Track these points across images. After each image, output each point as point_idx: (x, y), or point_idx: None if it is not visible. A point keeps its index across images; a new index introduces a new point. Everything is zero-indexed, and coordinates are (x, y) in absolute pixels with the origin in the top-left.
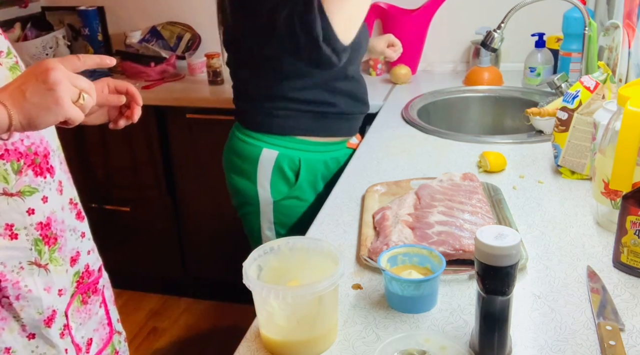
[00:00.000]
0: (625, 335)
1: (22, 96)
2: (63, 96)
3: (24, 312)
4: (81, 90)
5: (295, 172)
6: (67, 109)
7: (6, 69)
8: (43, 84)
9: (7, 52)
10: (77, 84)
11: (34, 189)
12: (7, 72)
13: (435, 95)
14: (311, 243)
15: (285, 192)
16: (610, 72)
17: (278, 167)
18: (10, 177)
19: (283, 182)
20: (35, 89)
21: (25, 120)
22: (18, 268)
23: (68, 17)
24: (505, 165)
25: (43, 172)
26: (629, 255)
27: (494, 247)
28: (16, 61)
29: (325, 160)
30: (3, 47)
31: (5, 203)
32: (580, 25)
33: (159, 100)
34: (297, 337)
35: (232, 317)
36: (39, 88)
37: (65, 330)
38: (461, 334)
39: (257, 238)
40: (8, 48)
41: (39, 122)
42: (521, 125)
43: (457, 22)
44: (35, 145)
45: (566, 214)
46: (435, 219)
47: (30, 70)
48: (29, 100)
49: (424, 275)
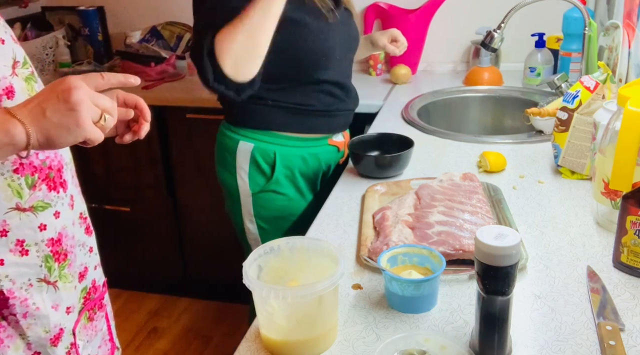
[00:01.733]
0: (625, 335)
1: (42, 114)
2: (84, 117)
3: (30, 330)
4: (103, 110)
5: (271, 165)
6: (87, 130)
7: (22, 80)
8: (64, 103)
9: (23, 62)
10: (99, 103)
11: (46, 204)
12: (22, 83)
13: (435, 95)
14: (311, 243)
15: (262, 185)
16: (610, 72)
17: (254, 159)
18: (24, 192)
19: (260, 174)
20: (56, 108)
21: (44, 139)
22: (27, 285)
23: (68, 17)
24: (505, 165)
25: (56, 187)
26: (629, 255)
27: (494, 247)
28: (31, 71)
29: (303, 156)
30: (19, 56)
31: (18, 218)
32: (580, 25)
33: (159, 100)
34: (297, 337)
35: (232, 317)
36: (59, 107)
37: (72, 349)
38: (461, 334)
39: (241, 231)
40: (24, 58)
41: (58, 142)
42: (521, 125)
43: (457, 22)
44: (50, 158)
45: (566, 214)
46: (435, 219)
47: (51, 87)
48: (48, 119)
49: (424, 275)
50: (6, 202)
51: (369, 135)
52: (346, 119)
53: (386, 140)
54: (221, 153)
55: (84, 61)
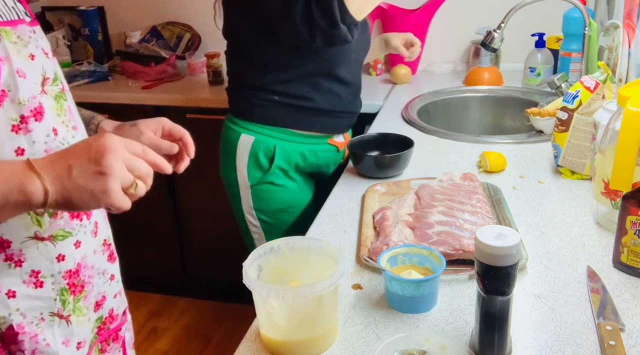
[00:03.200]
0: (625, 335)
1: (68, 173)
2: (112, 183)
3: None
4: (137, 176)
5: (270, 158)
6: (114, 198)
7: (51, 99)
8: (95, 164)
9: (53, 79)
10: (133, 168)
11: (67, 233)
12: (52, 102)
13: (435, 95)
14: (311, 243)
15: (259, 177)
16: (610, 72)
17: (254, 152)
18: (44, 220)
19: (257, 167)
20: (85, 168)
21: (63, 200)
22: (38, 319)
23: (68, 17)
24: (505, 165)
25: (79, 214)
26: (629, 255)
27: (494, 247)
28: (62, 88)
29: (302, 151)
30: (49, 72)
31: (35, 248)
32: (580, 25)
33: (159, 100)
34: (297, 337)
35: (232, 317)
36: (88, 168)
37: None
38: (461, 334)
39: (245, 226)
40: (55, 74)
41: (78, 206)
42: (521, 125)
43: (457, 22)
44: None
45: (566, 214)
46: (435, 219)
47: (85, 144)
48: (73, 179)
49: (424, 275)
50: (24, 230)
51: (369, 135)
52: (349, 120)
53: (386, 140)
54: (224, 146)
55: (84, 61)
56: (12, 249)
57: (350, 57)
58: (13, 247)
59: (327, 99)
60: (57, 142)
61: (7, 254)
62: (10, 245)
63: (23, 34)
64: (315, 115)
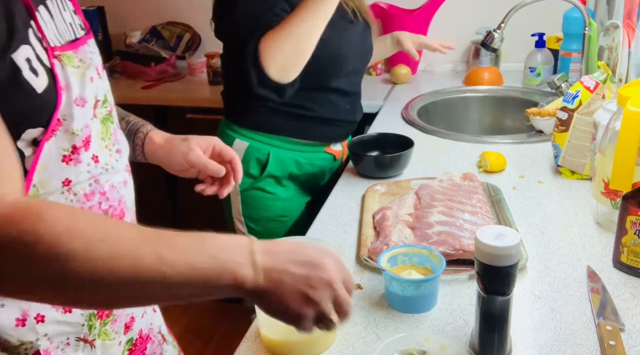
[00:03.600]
0: (625, 335)
1: (281, 278)
2: (311, 314)
3: None
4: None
5: (263, 164)
6: (304, 326)
7: (99, 122)
8: (310, 288)
9: (103, 101)
10: (340, 305)
11: None
12: (99, 125)
13: (435, 95)
14: (311, 243)
15: (249, 182)
16: (610, 72)
17: (246, 158)
18: None
19: (249, 173)
20: (298, 285)
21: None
22: (64, 344)
23: None
24: (505, 165)
25: None
26: (629, 255)
27: (495, 247)
28: (109, 110)
29: (297, 159)
30: (101, 94)
31: None
32: (580, 25)
33: (159, 100)
34: (297, 337)
35: (232, 317)
36: (301, 287)
37: None
38: (461, 334)
39: (232, 230)
40: (105, 95)
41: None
42: (521, 125)
43: (457, 22)
44: (113, 208)
45: (566, 214)
46: (435, 219)
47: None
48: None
49: (424, 275)
50: None
51: (369, 135)
52: (348, 129)
53: (386, 140)
54: None
55: None
56: None
57: (347, 70)
58: None
59: (324, 108)
60: (99, 168)
61: None
62: None
63: (84, 56)
64: (311, 124)
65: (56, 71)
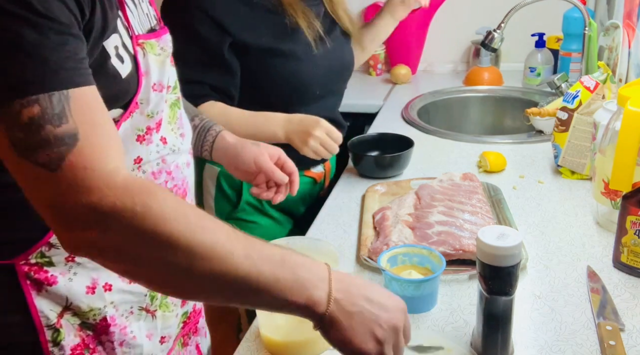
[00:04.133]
0: (625, 335)
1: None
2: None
3: None
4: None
5: (237, 191)
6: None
7: (167, 106)
8: (378, 327)
9: (174, 86)
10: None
11: None
12: (167, 109)
13: (435, 95)
14: (311, 243)
15: (227, 211)
16: (610, 72)
17: (219, 185)
18: None
19: (225, 201)
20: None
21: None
22: (128, 312)
23: None
24: (505, 165)
25: None
26: (629, 255)
27: (497, 248)
28: (178, 97)
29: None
30: (172, 80)
31: None
32: (580, 25)
33: None
34: (297, 337)
35: (232, 317)
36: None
37: None
38: (461, 334)
39: None
40: (175, 81)
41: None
42: (521, 125)
43: (457, 22)
44: (177, 187)
45: (566, 214)
46: (435, 219)
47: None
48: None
49: (424, 275)
50: None
51: (368, 135)
52: None
53: (386, 140)
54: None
55: None
56: None
57: (313, 96)
58: None
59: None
60: (167, 149)
61: None
62: None
63: (165, 45)
64: (286, 148)
65: (138, 58)
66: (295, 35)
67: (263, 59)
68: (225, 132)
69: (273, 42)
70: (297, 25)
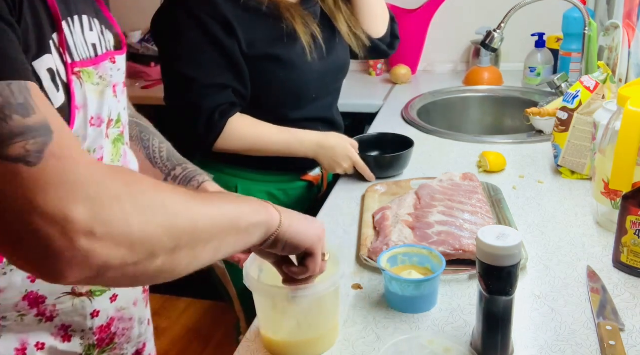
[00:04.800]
0: (625, 335)
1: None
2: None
3: None
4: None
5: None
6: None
7: (110, 143)
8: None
9: (116, 120)
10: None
11: (105, 288)
12: (110, 146)
13: (435, 95)
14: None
15: None
16: (610, 72)
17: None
18: None
19: None
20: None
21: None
22: None
23: None
24: (505, 165)
25: None
26: (629, 255)
27: (497, 248)
28: (122, 131)
29: (269, 191)
30: (115, 113)
31: (70, 304)
32: (580, 25)
33: (159, 100)
34: (297, 337)
35: (232, 317)
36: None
37: None
38: (461, 334)
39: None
40: (119, 114)
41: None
42: (521, 125)
43: (457, 22)
44: None
45: (566, 214)
46: (435, 219)
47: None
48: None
49: (424, 275)
50: (62, 286)
51: (369, 135)
52: None
53: (386, 140)
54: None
55: None
56: (47, 304)
57: (308, 100)
58: (47, 302)
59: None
60: None
61: (40, 309)
62: (45, 301)
63: (105, 73)
64: (276, 157)
65: (73, 88)
66: (291, 40)
67: (258, 64)
68: (209, 183)
69: (269, 47)
70: (294, 30)
